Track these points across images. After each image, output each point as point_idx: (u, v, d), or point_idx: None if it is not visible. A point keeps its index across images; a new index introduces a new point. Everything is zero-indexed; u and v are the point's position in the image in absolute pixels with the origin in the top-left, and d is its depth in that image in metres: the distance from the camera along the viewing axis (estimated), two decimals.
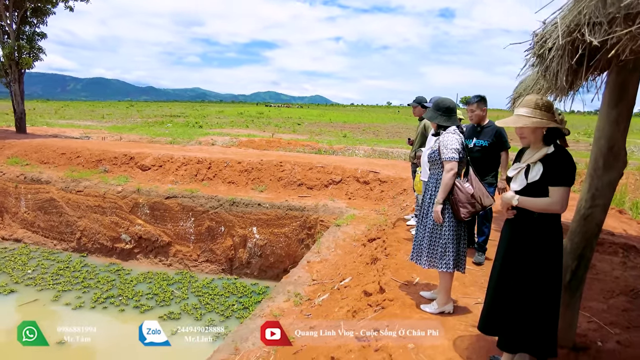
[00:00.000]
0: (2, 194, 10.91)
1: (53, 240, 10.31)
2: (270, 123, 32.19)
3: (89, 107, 56.76)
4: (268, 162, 10.28)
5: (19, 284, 8.38)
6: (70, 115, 36.85)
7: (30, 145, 12.57)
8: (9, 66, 15.46)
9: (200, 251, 9.16)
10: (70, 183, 10.21)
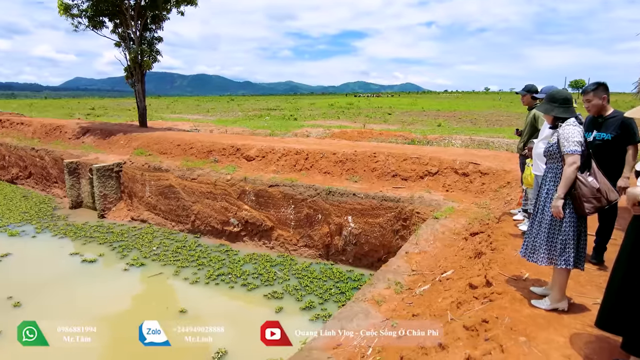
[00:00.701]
0: (131, 181, 12.61)
1: (172, 222, 11.68)
2: (361, 113, 32.29)
3: (194, 102, 62.07)
4: (362, 153, 10.45)
5: (147, 258, 9.69)
6: (180, 109, 40.69)
7: (151, 138, 14.25)
8: (133, 68, 17.59)
9: (300, 236, 9.70)
10: (186, 171, 11.43)
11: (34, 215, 12.92)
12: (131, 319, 7.64)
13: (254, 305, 7.72)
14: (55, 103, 54.08)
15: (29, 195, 15.41)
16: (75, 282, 8.67)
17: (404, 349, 3.39)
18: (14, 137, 19.04)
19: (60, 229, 11.55)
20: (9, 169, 17.70)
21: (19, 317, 7.25)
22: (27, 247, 10.46)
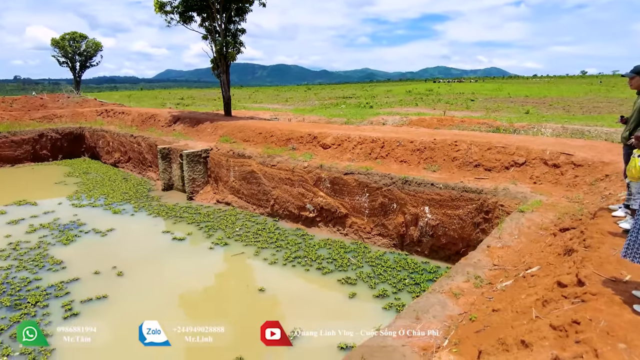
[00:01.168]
0: (217, 166, 13.47)
1: (253, 205, 12.31)
2: (441, 100, 31.07)
3: (274, 92, 64.09)
4: (441, 142, 10.10)
5: (230, 238, 10.34)
6: (260, 99, 42.31)
7: (235, 126, 15.03)
8: (219, 60, 18.60)
9: (374, 225, 9.70)
10: (266, 158, 11.93)
11: (133, 195, 14.37)
12: (215, 294, 8.27)
13: (328, 289, 7.92)
14: (149, 94, 59.12)
15: (128, 178, 17.16)
16: (166, 258, 9.55)
17: (483, 343, 3.29)
18: (116, 125, 21.23)
19: (154, 209, 12.74)
20: (112, 153, 19.82)
21: (124, 284, 8.20)
22: (127, 223, 11.69)
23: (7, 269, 8.75)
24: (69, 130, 21.94)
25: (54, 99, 29.26)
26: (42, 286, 8.00)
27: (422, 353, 3.50)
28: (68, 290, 7.86)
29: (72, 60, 42.75)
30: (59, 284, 8.06)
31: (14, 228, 11.22)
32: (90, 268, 8.72)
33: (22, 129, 20.81)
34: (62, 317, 6.97)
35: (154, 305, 7.53)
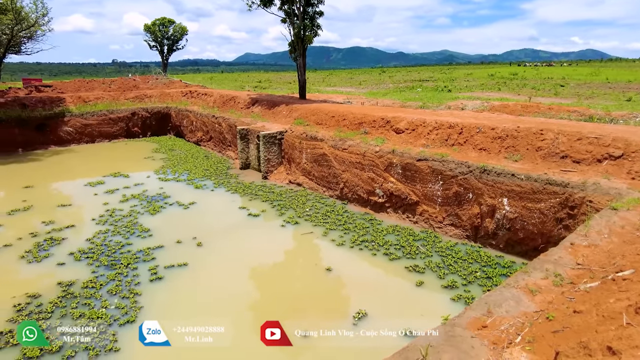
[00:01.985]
0: (291, 148, 13.84)
1: (323, 187, 12.51)
2: (526, 85, 28.87)
3: (347, 75, 63.74)
4: (526, 130, 9.43)
5: (300, 218, 10.65)
6: (334, 82, 42.36)
7: (309, 109, 15.25)
8: (296, 43, 18.86)
9: (446, 214, 9.42)
10: (338, 141, 12.01)
11: (213, 172, 15.29)
12: (284, 269, 8.61)
13: (394, 274, 7.89)
14: (229, 76, 61.78)
15: (209, 156, 18.25)
16: (242, 232, 10.10)
17: (561, 344, 3.11)
18: (199, 105, 22.55)
19: (232, 186, 13.46)
20: (195, 132, 21.16)
21: (203, 254, 8.83)
22: (207, 198, 12.51)
23: (105, 232, 9.84)
24: (157, 109, 23.76)
25: (145, 80, 31.76)
26: (132, 250, 8.90)
27: (492, 347, 3.39)
28: (154, 256, 8.66)
29: (160, 44, 45.89)
30: (147, 249, 8.90)
31: (111, 197, 12.53)
32: (173, 237, 9.50)
33: (118, 108, 22.92)
34: (149, 280, 7.71)
35: (228, 276, 8.05)
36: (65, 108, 21.95)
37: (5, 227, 10.36)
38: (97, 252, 8.80)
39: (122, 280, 7.64)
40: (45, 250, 8.97)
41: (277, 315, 6.75)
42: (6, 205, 12.00)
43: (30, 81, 35.19)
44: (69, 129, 21.25)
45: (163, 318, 6.60)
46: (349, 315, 6.59)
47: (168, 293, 7.35)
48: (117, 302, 6.94)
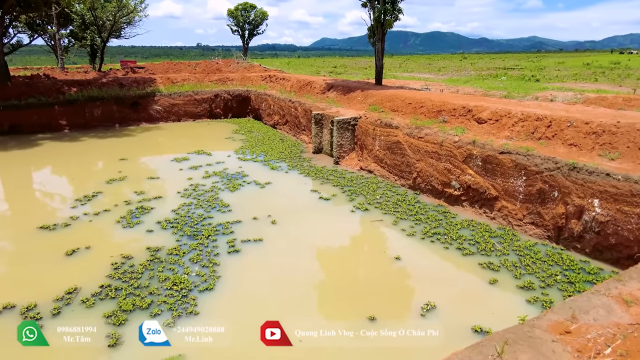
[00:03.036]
0: (364, 134, 13.80)
1: (395, 176, 12.37)
2: (630, 75, 25.85)
3: (426, 61, 61.59)
4: (627, 125, 8.51)
5: (370, 205, 10.65)
6: (411, 68, 41.19)
7: (385, 95, 15.03)
8: (376, 27, 18.56)
9: (527, 212, 8.87)
10: (414, 129, 11.74)
11: (287, 155, 15.75)
12: (351, 254, 8.71)
13: (467, 270, 7.64)
14: (305, 62, 62.56)
15: (284, 139, 18.79)
16: (313, 213, 10.36)
17: None
18: (277, 90, 23.18)
19: (305, 169, 13.79)
20: (272, 116, 21.86)
21: (276, 232, 9.20)
22: (281, 179, 12.94)
23: (189, 205, 10.63)
24: (238, 92, 24.83)
25: (227, 64, 33.26)
26: (213, 223, 9.52)
27: (576, 354, 3.20)
28: (232, 230, 9.20)
29: (242, 28, 47.59)
30: (226, 223, 9.47)
31: (194, 173, 13.45)
32: (250, 214, 10.00)
33: (202, 90, 24.31)
34: (227, 252, 8.23)
35: (299, 254, 8.33)
36: (156, 88, 23.75)
37: (104, 195, 11.59)
38: (181, 222, 9.55)
39: (202, 250, 8.24)
40: (136, 218, 9.92)
41: (345, 298, 6.91)
42: (105, 174, 13.40)
43: (126, 63, 38.47)
44: (158, 108, 23.02)
45: (239, 288, 7.06)
46: (416, 305, 6.54)
47: (244, 266, 7.80)
48: (198, 270, 7.51)
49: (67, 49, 41.10)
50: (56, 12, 31.07)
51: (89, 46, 37.47)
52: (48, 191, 13.16)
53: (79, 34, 36.01)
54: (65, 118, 21.43)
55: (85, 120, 21.67)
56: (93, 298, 6.71)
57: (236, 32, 47.87)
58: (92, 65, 37.46)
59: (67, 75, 28.98)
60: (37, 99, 21.19)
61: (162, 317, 6.25)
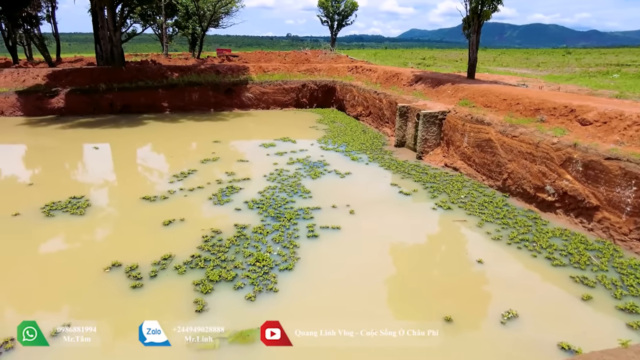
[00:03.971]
0: (451, 129, 13.30)
1: (483, 175, 11.78)
2: None
3: (523, 55, 57.10)
4: None
5: (454, 203, 10.29)
6: (507, 62, 38.51)
7: (477, 90, 14.29)
8: (472, 19, 17.64)
9: (635, 226, 7.95)
10: (508, 127, 11.05)
11: (369, 147, 15.73)
12: (427, 252, 8.50)
13: (556, 282, 7.10)
14: (393, 53, 61.38)
15: (366, 130, 18.76)
16: (391, 207, 10.28)
17: None
18: (362, 81, 23.13)
19: (386, 162, 13.67)
20: (356, 107, 21.90)
21: (354, 222, 9.31)
22: (361, 171, 12.99)
23: (273, 188, 11.14)
24: (324, 82, 25.22)
25: (315, 54, 33.86)
26: (294, 207, 9.88)
27: None
28: (312, 215, 9.48)
29: (331, 19, 47.97)
30: (306, 209, 9.78)
31: (279, 158, 14.03)
32: (329, 202, 10.21)
33: (291, 79, 25.07)
34: (306, 236, 8.52)
35: (375, 246, 8.34)
36: (249, 76, 24.99)
37: (198, 173, 12.57)
38: (266, 204, 10.05)
39: (284, 232, 8.61)
40: (226, 196, 10.62)
41: (418, 295, 6.80)
42: (200, 154, 14.51)
43: (222, 51, 40.88)
44: (249, 95, 24.22)
45: (316, 272, 7.29)
46: (496, 312, 6.25)
47: (322, 251, 8.02)
48: (279, 250, 7.89)
49: (171, 37, 44.66)
50: (164, 3, 33.88)
51: (190, 35, 40.40)
52: (150, 166, 14.59)
53: (182, 23, 38.97)
54: (167, 100, 23.48)
55: (184, 104, 23.54)
56: (184, 266, 7.37)
57: (325, 23, 48.42)
58: (192, 53, 40.40)
59: (170, 61, 31.62)
60: (145, 83, 23.45)
61: (245, 290, 6.69)
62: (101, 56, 27.97)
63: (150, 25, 38.69)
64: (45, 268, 7.61)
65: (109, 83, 23.06)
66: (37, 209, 9.92)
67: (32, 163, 15.35)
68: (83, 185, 12.16)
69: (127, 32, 33.48)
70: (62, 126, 20.21)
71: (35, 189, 11.72)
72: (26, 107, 22.74)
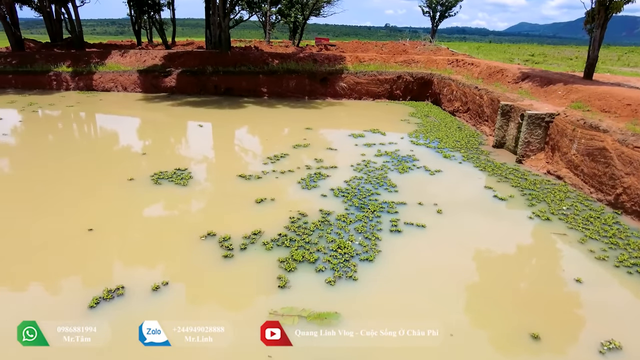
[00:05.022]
0: (559, 134, 12.14)
1: (591, 187, 10.62)
2: None
3: None
4: None
5: (553, 215, 9.44)
6: (635, 62, 33.94)
7: (595, 92, 12.82)
8: (597, 11, 15.77)
9: None
10: (629, 137, 9.79)
11: (463, 145, 15.00)
12: (523, 263, 7.90)
13: None
14: (497, 47, 57.34)
15: (462, 127, 17.89)
16: (483, 212, 9.72)
17: None
18: (463, 75, 22.02)
19: (481, 163, 12.94)
20: (453, 102, 20.96)
21: (441, 221, 9.02)
22: (453, 169, 12.46)
23: (359, 179, 11.19)
24: (420, 75, 24.48)
25: (413, 46, 32.95)
26: (379, 200, 9.84)
27: None
28: (397, 210, 9.37)
29: (434, 10, 46.20)
30: (391, 203, 9.68)
31: (367, 149, 14.02)
32: (416, 198, 9.98)
33: (386, 70, 24.73)
34: (389, 229, 8.45)
35: (459, 249, 7.97)
36: (344, 66, 25.15)
37: (289, 157, 13.06)
38: (351, 193, 10.15)
39: (367, 223, 8.64)
40: (314, 182, 10.92)
41: (502, 307, 6.39)
42: (292, 139, 15.05)
43: (320, 40, 41.61)
44: (343, 85, 24.41)
45: (397, 267, 7.22)
46: (594, 339, 5.66)
47: (404, 247, 7.91)
48: (361, 240, 7.94)
49: (274, 24, 46.45)
50: None
51: (292, 23, 41.68)
52: (246, 147, 15.49)
53: (285, 11, 40.31)
54: (266, 86, 24.60)
55: (282, 90, 24.49)
56: (272, 243, 7.76)
57: (427, 14, 46.80)
58: (292, 41, 41.69)
59: (272, 48, 32.99)
60: (247, 68, 24.79)
61: (325, 274, 6.87)
62: (210, 40, 30.14)
63: (256, 13, 40.60)
64: (151, 229, 8.55)
65: (215, 66, 24.79)
66: (147, 177, 11.12)
67: (145, 135, 17.19)
68: (187, 158, 13.34)
69: (234, 18, 35.53)
70: (172, 103, 22.28)
71: (147, 158, 13.12)
72: (144, 84, 25.42)
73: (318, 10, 40.43)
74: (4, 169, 12.85)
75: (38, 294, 6.51)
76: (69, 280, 6.83)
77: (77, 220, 8.65)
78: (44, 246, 7.72)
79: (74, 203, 9.69)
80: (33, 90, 26.16)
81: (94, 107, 21.95)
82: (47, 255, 7.42)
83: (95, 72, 26.14)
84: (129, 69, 26.03)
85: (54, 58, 27.74)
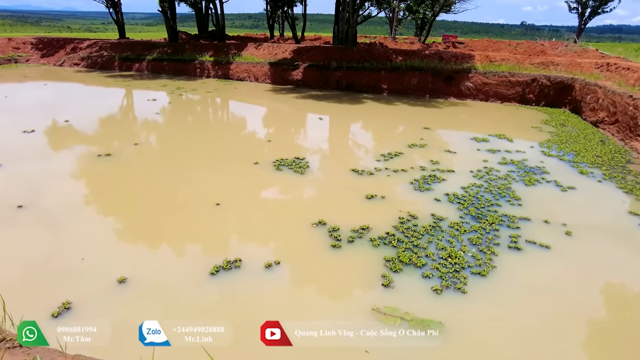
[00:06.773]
0: None
1: None
2: None
3: None
4: None
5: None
6: None
7: None
8: None
9: None
10: None
11: (606, 161, 13.09)
12: (595, 299, 6.69)
13: None
14: None
15: (606, 141, 15.63)
16: (622, 240, 8.39)
17: None
18: (614, 81, 19.17)
19: (628, 184, 11.16)
20: (597, 111, 18.40)
21: (569, 245, 8.08)
22: (590, 188, 10.96)
23: (479, 187, 10.52)
24: (559, 79, 21.96)
25: (553, 46, 29.69)
26: (499, 212, 9.14)
27: None
28: (518, 225, 8.60)
29: (583, 5, 40.99)
30: (512, 217, 8.91)
31: (491, 156, 13.08)
32: (542, 215, 9.04)
33: (520, 72, 22.71)
34: (507, 245, 7.80)
35: (587, 278, 7.01)
36: (472, 65, 23.76)
37: (404, 156, 12.85)
38: (467, 201, 9.61)
39: (483, 235, 8.10)
40: (427, 184, 10.59)
41: (629, 350, 5.47)
42: (407, 138, 14.77)
43: (448, 37, 39.92)
44: (469, 85, 23.11)
45: (513, 288, 6.66)
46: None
47: (523, 267, 7.23)
48: (474, 252, 7.49)
49: (401, 21, 45.77)
50: None
51: (420, 19, 40.61)
52: (360, 142, 15.64)
53: (414, 7, 39.43)
54: (387, 83, 24.48)
55: (402, 87, 24.14)
56: (379, 240, 7.76)
57: (574, 10, 41.75)
58: (418, 38, 40.68)
59: (396, 45, 32.64)
60: (370, 64, 24.93)
61: (432, 281, 6.65)
62: (337, 36, 30.93)
63: (384, 9, 40.47)
64: (269, 210, 9.19)
65: (340, 62, 25.42)
66: (270, 162, 11.95)
67: (270, 123, 18.44)
68: (305, 148, 13.98)
69: (362, 14, 35.91)
70: (296, 96, 23.49)
71: (271, 145, 14.08)
72: (274, 76, 27.20)
73: (449, 6, 38.73)
74: (154, 142, 14.96)
75: (168, 255, 7.45)
76: (194, 246, 7.70)
77: (207, 194, 9.71)
78: (178, 212, 8.84)
79: (206, 178, 10.89)
80: (181, 76, 29.92)
81: (228, 94, 24.27)
82: (180, 221, 8.48)
83: (232, 62, 28.79)
84: (261, 61, 28.10)
85: (200, 48, 31.30)
